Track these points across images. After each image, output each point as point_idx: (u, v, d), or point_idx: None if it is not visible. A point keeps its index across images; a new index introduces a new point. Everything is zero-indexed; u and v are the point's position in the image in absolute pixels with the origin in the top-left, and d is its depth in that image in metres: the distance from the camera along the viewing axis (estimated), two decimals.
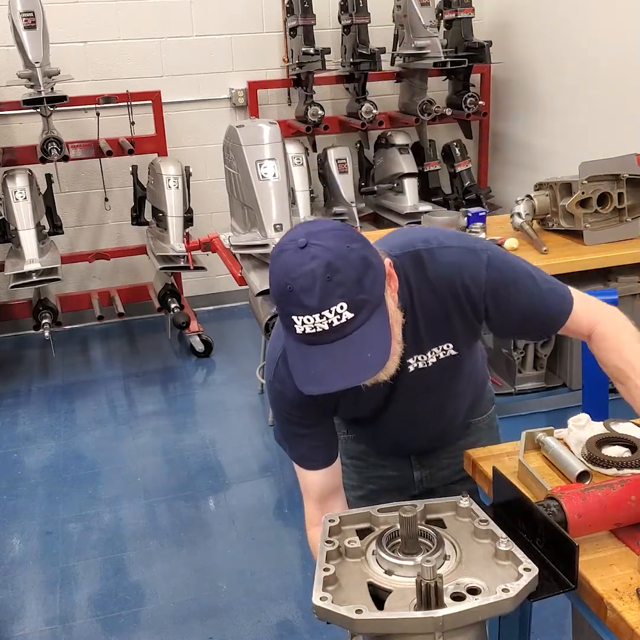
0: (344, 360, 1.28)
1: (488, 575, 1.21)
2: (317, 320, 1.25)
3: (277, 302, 1.30)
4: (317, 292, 1.24)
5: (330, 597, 1.18)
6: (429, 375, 1.57)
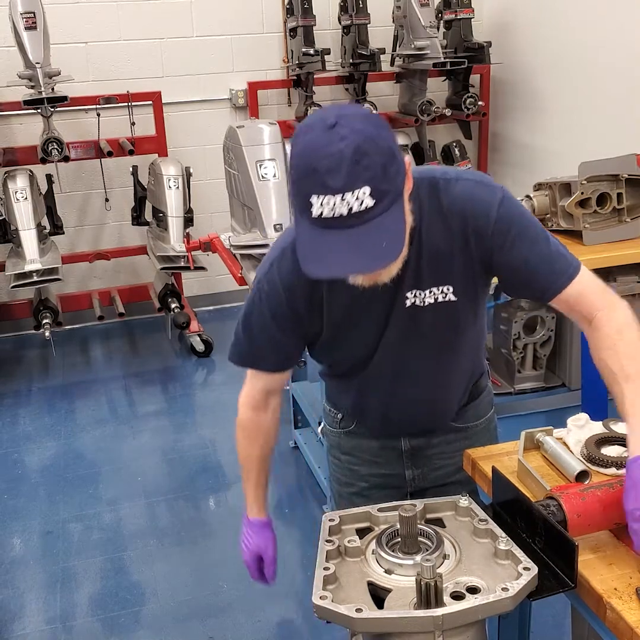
0: (358, 246, 1.25)
1: (488, 575, 1.22)
2: (337, 202, 1.22)
3: (297, 182, 1.26)
4: (343, 174, 1.21)
5: (330, 596, 1.18)
6: (424, 317, 1.53)
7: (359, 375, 1.66)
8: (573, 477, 1.51)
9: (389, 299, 1.52)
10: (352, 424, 1.80)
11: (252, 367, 1.66)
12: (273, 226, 2.92)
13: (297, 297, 1.51)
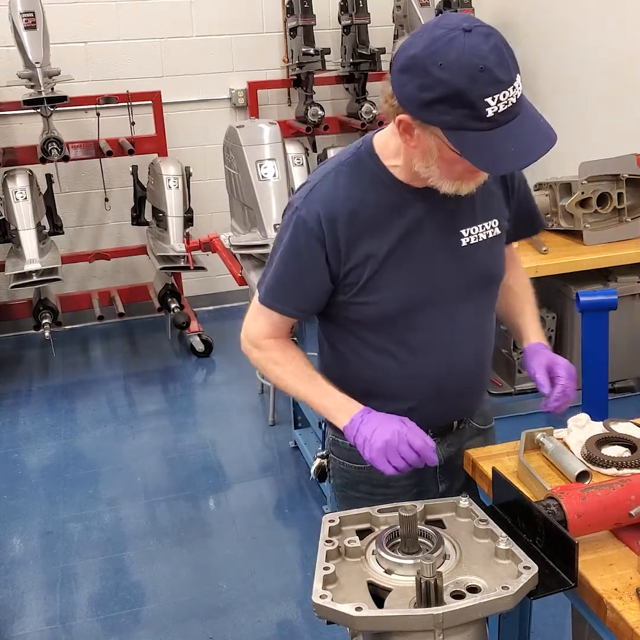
0: (532, 129, 1.31)
1: (488, 574, 1.21)
2: (510, 93, 1.26)
3: (461, 91, 1.24)
4: (508, 65, 1.26)
5: (330, 595, 1.18)
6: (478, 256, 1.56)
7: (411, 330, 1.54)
8: (573, 477, 1.51)
9: (444, 239, 1.52)
10: None
11: (270, 306, 1.57)
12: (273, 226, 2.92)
13: (339, 224, 1.47)
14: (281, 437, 3.75)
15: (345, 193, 1.48)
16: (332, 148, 4.89)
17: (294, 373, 1.58)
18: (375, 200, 1.49)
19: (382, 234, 1.49)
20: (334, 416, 1.54)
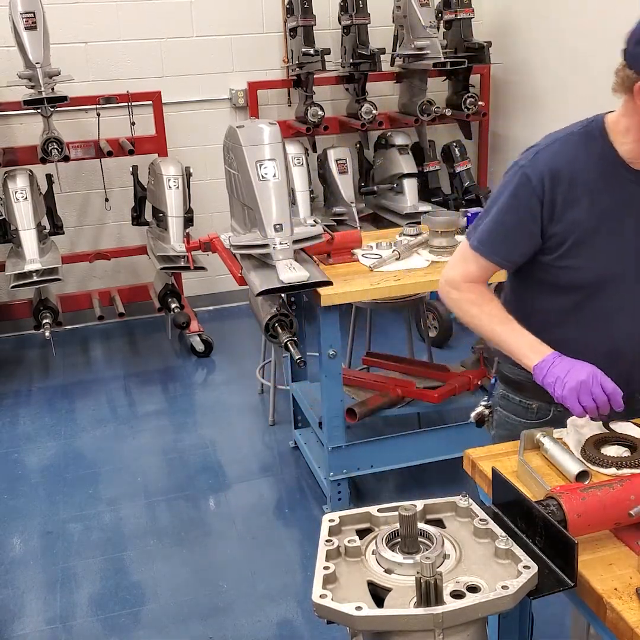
0: None
1: (488, 574, 1.21)
2: None
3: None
4: None
5: (330, 594, 1.18)
6: None
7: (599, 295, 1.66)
8: (573, 477, 1.51)
9: None
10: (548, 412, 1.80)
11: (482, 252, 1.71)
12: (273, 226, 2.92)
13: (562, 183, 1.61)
14: (281, 437, 3.76)
15: (571, 159, 1.63)
16: (332, 148, 4.90)
17: (491, 314, 1.72)
18: (597, 172, 1.62)
19: (595, 205, 1.61)
20: (526, 355, 1.64)
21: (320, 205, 5.05)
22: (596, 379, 1.56)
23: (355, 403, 3.19)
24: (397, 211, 4.83)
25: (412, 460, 3.13)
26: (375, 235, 3.42)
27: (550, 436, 1.65)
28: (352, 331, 4.07)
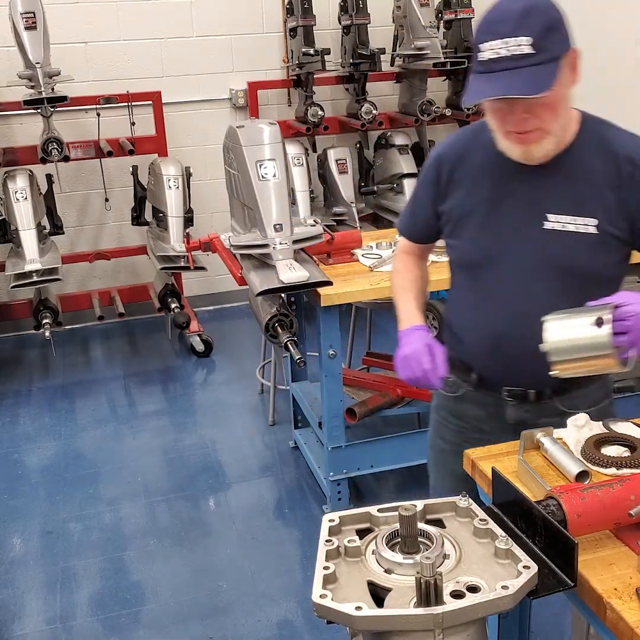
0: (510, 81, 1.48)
1: (488, 574, 1.21)
2: (500, 45, 1.47)
3: (476, 36, 1.52)
4: (510, 22, 1.47)
5: (330, 594, 1.18)
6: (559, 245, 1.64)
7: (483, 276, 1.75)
8: (573, 477, 1.51)
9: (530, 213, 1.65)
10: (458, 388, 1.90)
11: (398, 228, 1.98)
12: (273, 226, 2.92)
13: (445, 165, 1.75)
14: (281, 437, 3.76)
15: (462, 144, 1.76)
16: (332, 148, 4.90)
17: (400, 283, 1.93)
18: (482, 161, 1.70)
19: (475, 190, 1.72)
20: (401, 321, 1.83)
21: (320, 205, 5.05)
22: (417, 355, 1.72)
23: (355, 403, 3.19)
24: (397, 211, 4.83)
25: (412, 460, 3.13)
26: (375, 235, 3.42)
27: (550, 436, 1.65)
28: (352, 331, 4.07)
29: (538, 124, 1.55)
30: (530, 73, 1.47)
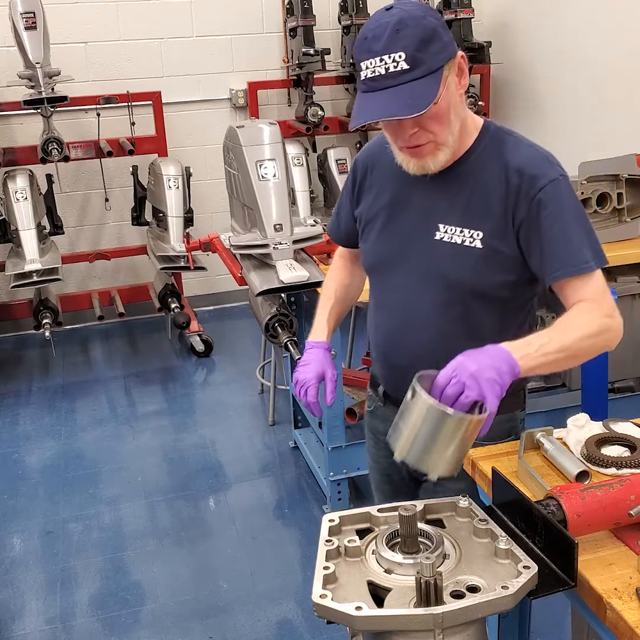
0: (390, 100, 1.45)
1: (488, 574, 1.21)
2: (377, 63, 1.44)
3: (355, 54, 1.50)
4: (383, 39, 1.44)
5: (330, 594, 1.18)
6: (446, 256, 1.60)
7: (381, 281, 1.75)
8: (573, 477, 1.51)
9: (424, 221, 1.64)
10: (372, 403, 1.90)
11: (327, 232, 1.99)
12: (273, 226, 2.92)
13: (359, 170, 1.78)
14: (281, 437, 3.76)
15: (375, 150, 1.75)
16: (332, 148, 4.90)
17: (324, 290, 1.93)
18: (390, 169, 1.67)
19: (379, 197, 1.72)
20: (311, 333, 1.84)
21: (320, 205, 5.05)
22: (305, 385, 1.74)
23: (355, 403, 3.19)
24: None
25: None
26: None
27: (550, 436, 1.65)
28: (352, 331, 4.07)
29: (429, 137, 1.51)
30: (410, 89, 1.43)
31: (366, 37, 1.46)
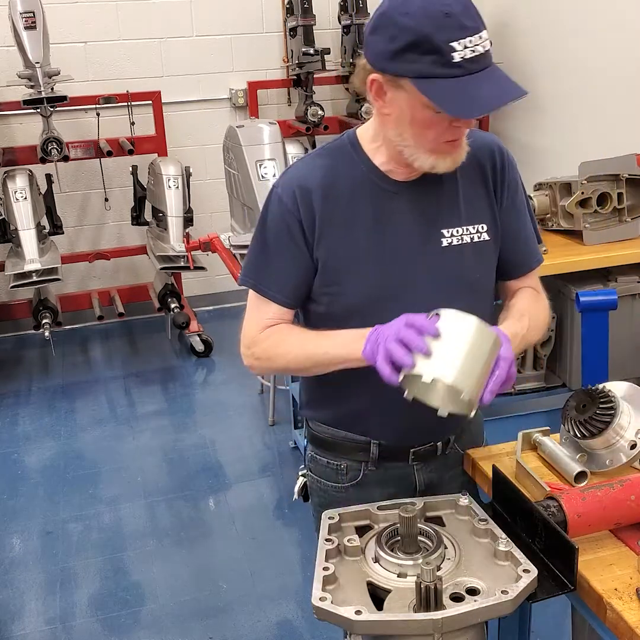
0: (499, 81, 1.31)
1: (487, 576, 1.21)
2: (476, 41, 1.26)
3: (426, 35, 1.25)
4: (473, 14, 1.27)
5: (329, 597, 1.18)
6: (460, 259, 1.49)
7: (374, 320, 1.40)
8: (572, 477, 1.51)
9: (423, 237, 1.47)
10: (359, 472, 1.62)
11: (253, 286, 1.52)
12: None
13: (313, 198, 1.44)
14: (281, 437, 3.75)
15: (321, 172, 1.47)
16: None
17: (298, 340, 1.50)
18: (352, 186, 1.46)
19: (353, 221, 1.45)
20: (350, 352, 1.40)
21: None
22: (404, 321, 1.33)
23: None
24: None
25: None
26: None
27: (547, 436, 1.65)
28: None
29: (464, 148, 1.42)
30: (501, 70, 1.33)
31: (449, 13, 1.25)
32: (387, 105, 1.37)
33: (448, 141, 1.37)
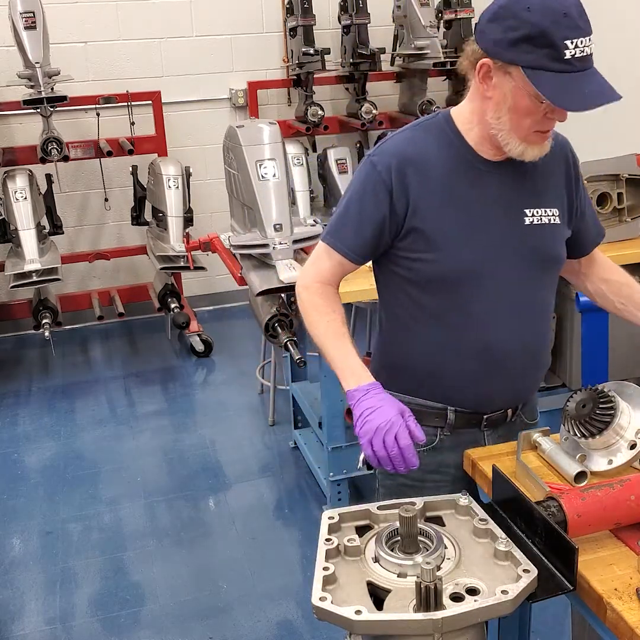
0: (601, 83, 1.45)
1: (487, 576, 1.21)
2: (586, 42, 1.40)
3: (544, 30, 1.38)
4: (586, 18, 1.41)
5: (329, 597, 1.18)
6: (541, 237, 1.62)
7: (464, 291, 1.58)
8: (571, 477, 1.51)
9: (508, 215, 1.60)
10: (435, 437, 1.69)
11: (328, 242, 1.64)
12: (273, 226, 2.92)
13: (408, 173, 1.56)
14: (281, 437, 3.75)
15: (418, 148, 1.59)
16: (332, 148, 4.89)
17: (329, 324, 1.62)
18: (449, 163, 1.59)
19: (449, 194, 1.57)
20: (345, 377, 1.55)
21: (320, 205, 5.04)
22: (393, 427, 1.45)
23: None
24: None
25: None
26: None
27: (547, 437, 1.65)
28: (352, 331, 4.07)
29: None
30: (600, 73, 1.45)
31: (567, 13, 1.38)
32: (490, 89, 1.50)
33: (538, 131, 1.50)
